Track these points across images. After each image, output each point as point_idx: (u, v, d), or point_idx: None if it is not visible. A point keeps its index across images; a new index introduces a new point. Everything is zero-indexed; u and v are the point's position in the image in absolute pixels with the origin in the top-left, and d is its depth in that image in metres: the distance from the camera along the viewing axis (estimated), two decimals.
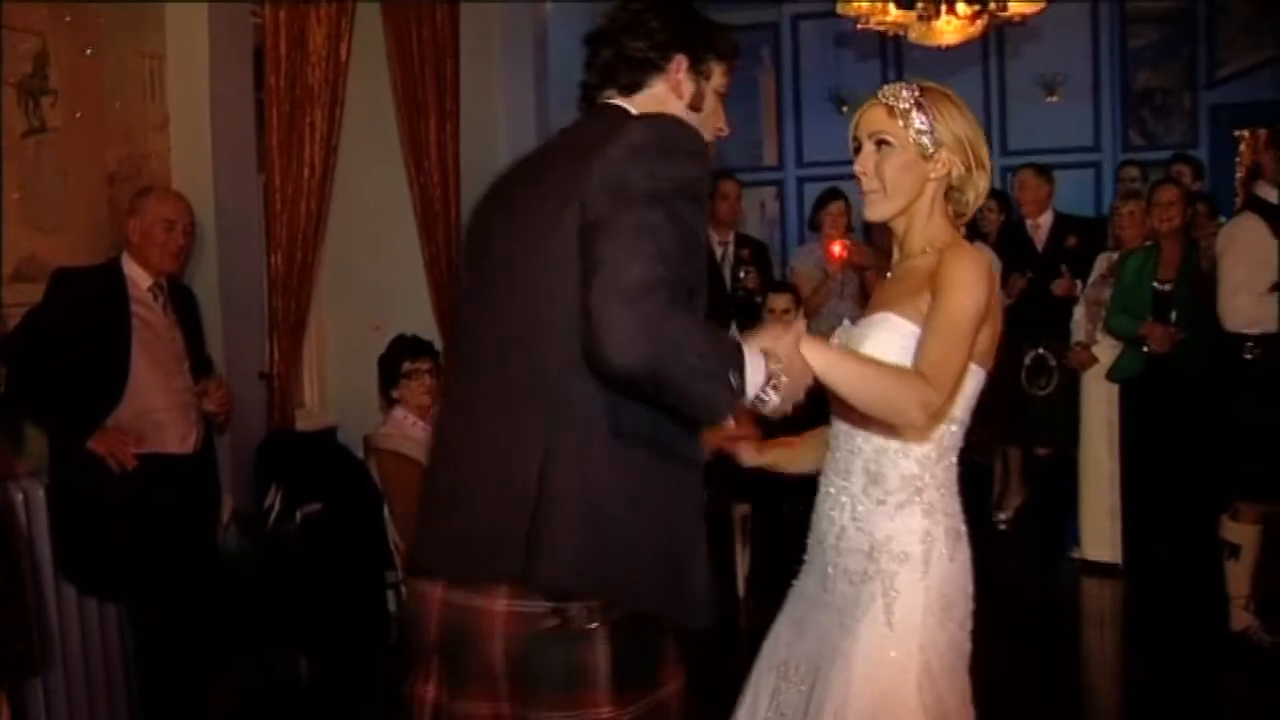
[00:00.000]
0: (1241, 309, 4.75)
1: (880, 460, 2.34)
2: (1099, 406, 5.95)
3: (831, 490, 2.44)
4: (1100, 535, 6.03)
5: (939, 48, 6.29)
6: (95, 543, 3.95)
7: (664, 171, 1.86)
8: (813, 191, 7.83)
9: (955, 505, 2.37)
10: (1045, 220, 6.83)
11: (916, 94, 2.33)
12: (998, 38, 8.61)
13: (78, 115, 4.41)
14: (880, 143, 2.35)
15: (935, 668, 2.28)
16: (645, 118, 2.02)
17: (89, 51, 4.48)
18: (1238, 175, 8.71)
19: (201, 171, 4.86)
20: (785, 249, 9.19)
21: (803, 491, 5.64)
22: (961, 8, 6.10)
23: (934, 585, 2.29)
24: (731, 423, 2.10)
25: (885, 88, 2.38)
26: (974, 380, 2.33)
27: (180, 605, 4.05)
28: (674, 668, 2.04)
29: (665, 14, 2.16)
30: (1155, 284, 5.57)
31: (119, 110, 4.65)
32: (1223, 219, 5.53)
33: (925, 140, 2.32)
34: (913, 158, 2.33)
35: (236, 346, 4.96)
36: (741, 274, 6.29)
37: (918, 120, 2.31)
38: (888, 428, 2.29)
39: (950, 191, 2.38)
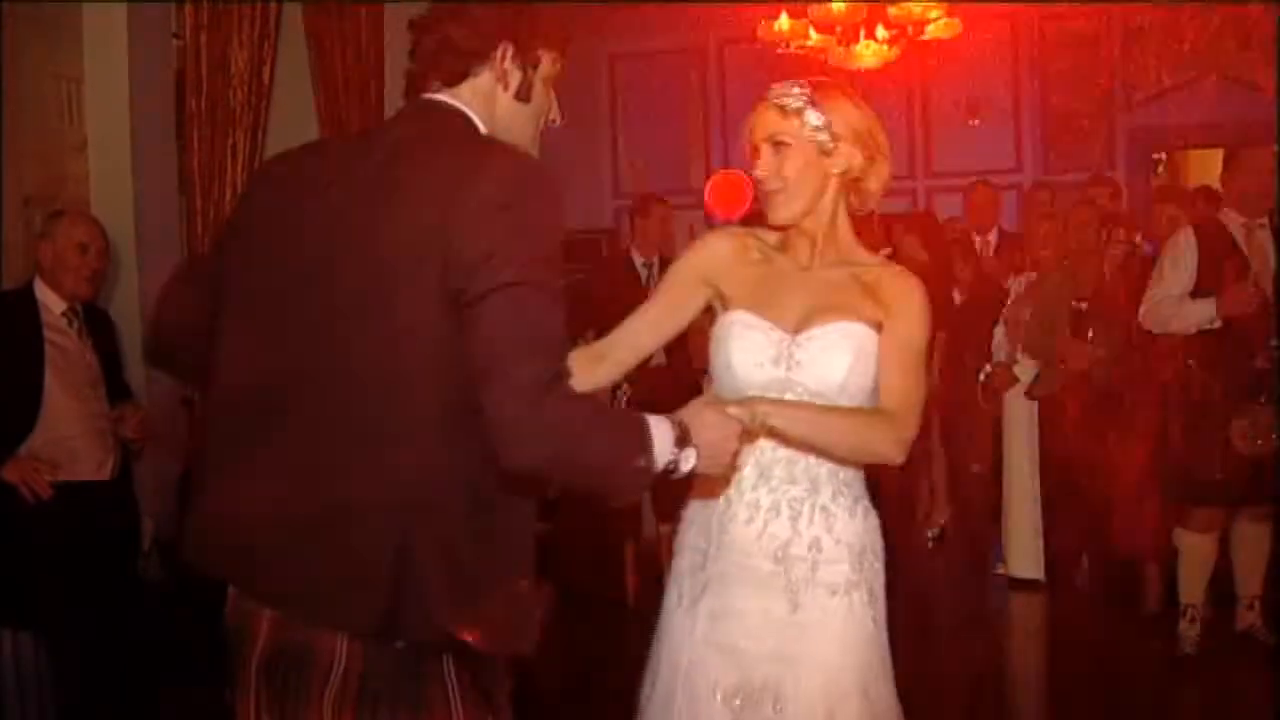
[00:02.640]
0: (1156, 310, 4.86)
1: (831, 467, 2.32)
2: (1020, 424, 6.03)
3: (787, 499, 2.31)
4: (1025, 552, 6.10)
5: (859, 72, 6.36)
6: (9, 572, 3.88)
7: (530, 243, 1.81)
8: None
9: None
10: (993, 237, 6.96)
11: (808, 91, 2.32)
12: (919, 61, 8.72)
13: None
14: (778, 144, 2.33)
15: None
16: (501, 164, 1.88)
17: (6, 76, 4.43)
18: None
19: (121, 194, 4.82)
20: None
21: None
22: (880, 32, 6.19)
23: (880, 583, 2.38)
24: None
25: (774, 88, 2.36)
26: None
27: (97, 635, 3.99)
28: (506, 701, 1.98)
29: (490, 1, 2.03)
30: (1073, 303, 5.67)
31: (34, 133, 4.58)
32: (1123, 231, 5.62)
33: (822, 136, 2.30)
34: (812, 155, 2.31)
35: (158, 372, 4.88)
36: None
37: (812, 117, 2.30)
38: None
39: (853, 184, 2.37)
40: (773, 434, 2.22)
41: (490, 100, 2.01)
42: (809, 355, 2.30)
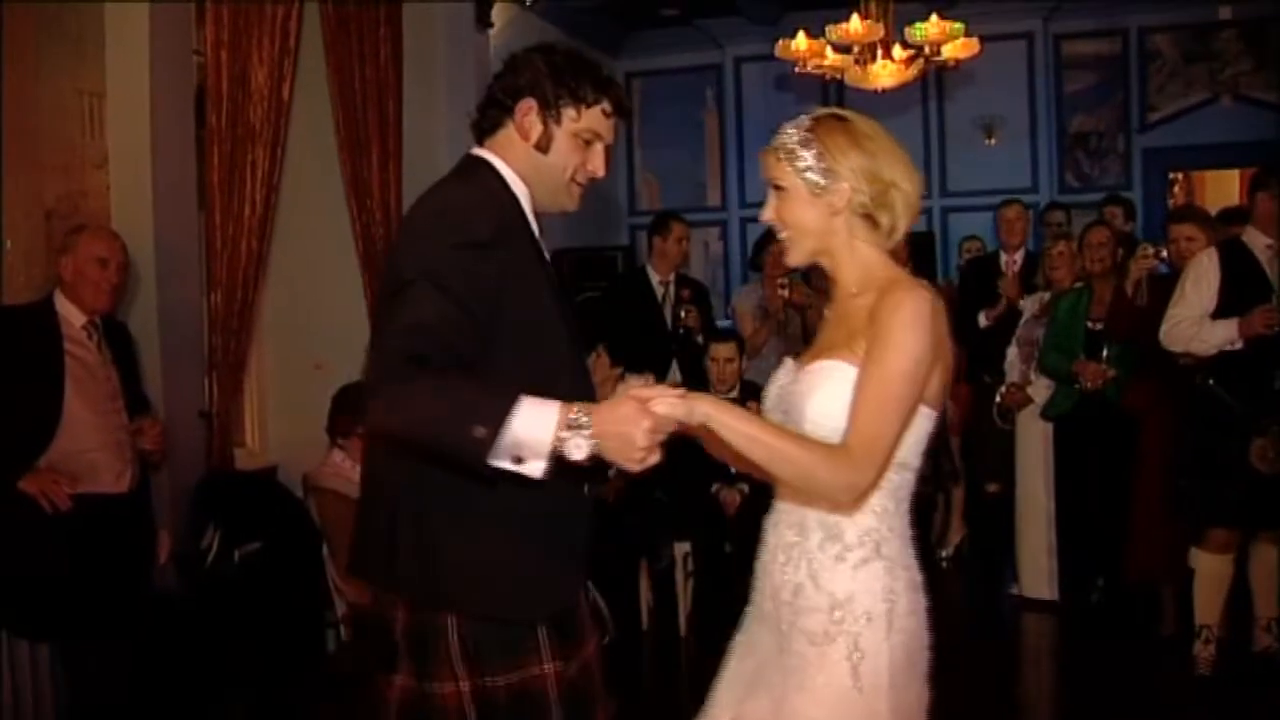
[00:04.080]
0: (1177, 330, 4.85)
1: (836, 516, 2.21)
2: (1034, 445, 6.02)
3: (784, 543, 2.28)
4: (1038, 573, 6.09)
5: (877, 91, 6.38)
6: (28, 584, 3.89)
7: (430, 250, 2.12)
8: (755, 231, 7.91)
9: (911, 554, 2.26)
10: (1019, 256, 6.94)
11: (803, 129, 2.25)
12: (936, 81, 8.76)
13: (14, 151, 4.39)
14: (777, 188, 2.29)
15: None
16: (436, 191, 2.29)
17: (24, 89, 4.46)
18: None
19: (141, 209, 4.85)
20: (728, 289, 9.27)
21: (745, 529, 5.64)
22: (897, 52, 6.21)
23: (899, 643, 2.19)
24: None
25: (781, 128, 2.30)
26: (925, 423, 2.21)
27: (115, 647, 4.01)
28: (548, 654, 2.28)
29: (531, 60, 2.30)
30: (1088, 323, 5.66)
31: (57, 148, 4.62)
32: (1151, 246, 5.61)
33: (813, 176, 2.22)
34: (806, 196, 2.24)
35: (175, 385, 4.93)
36: (682, 313, 6.33)
37: (803, 158, 2.23)
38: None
39: (868, 219, 2.25)
40: (716, 436, 2.13)
41: (514, 149, 2.31)
42: (796, 393, 2.26)
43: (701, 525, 5.69)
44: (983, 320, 6.66)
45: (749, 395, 5.68)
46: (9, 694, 3.97)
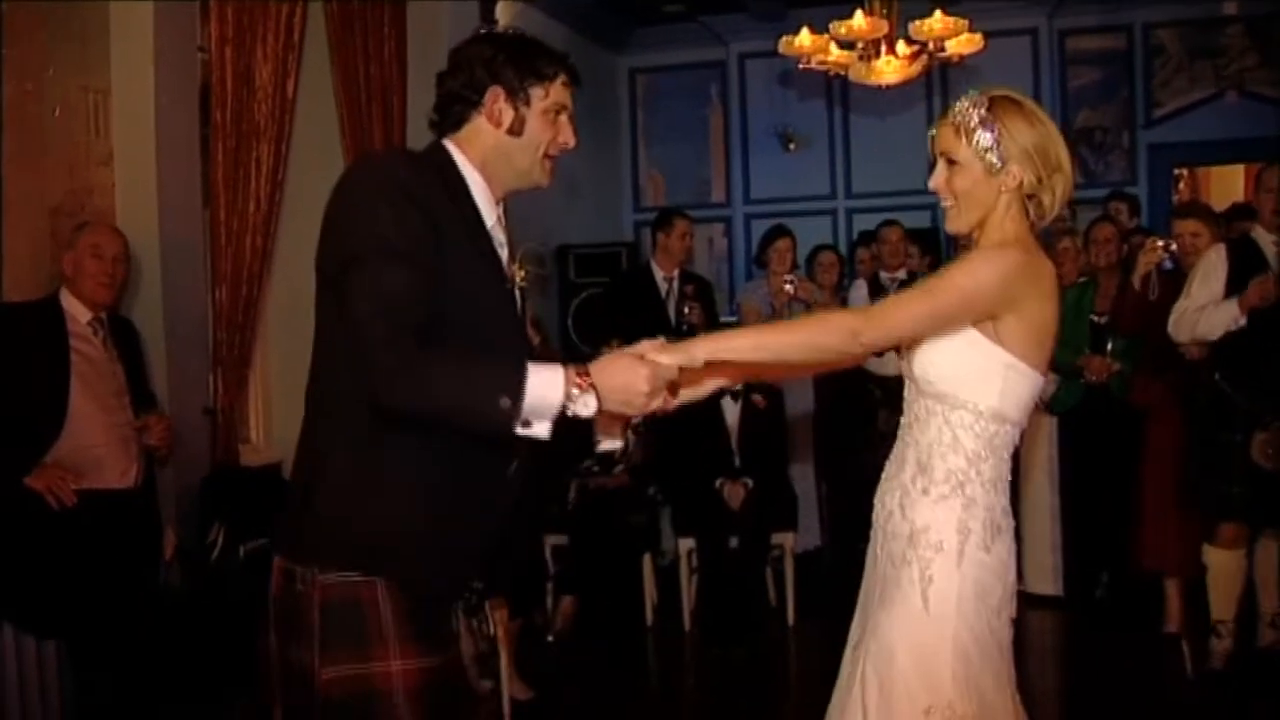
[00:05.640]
0: (1183, 319, 4.88)
1: (930, 454, 2.44)
2: (1039, 440, 6.02)
3: (886, 477, 2.54)
4: (1042, 568, 6.09)
5: (880, 87, 6.37)
6: (33, 580, 3.91)
7: (367, 218, 2.13)
8: (759, 228, 7.91)
9: (997, 500, 2.44)
10: None
11: (984, 109, 2.39)
12: (940, 77, 8.74)
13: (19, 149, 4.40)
14: (950, 161, 2.42)
15: (972, 653, 2.38)
16: (352, 165, 2.35)
17: (30, 86, 4.47)
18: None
19: (146, 206, 4.86)
20: (733, 284, 9.26)
21: (748, 525, 5.66)
22: (901, 48, 6.20)
23: (969, 574, 2.39)
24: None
25: (956, 104, 2.43)
26: (1022, 380, 2.40)
27: (120, 642, 4.02)
28: (398, 648, 2.19)
29: (481, 52, 2.32)
30: (1093, 317, 5.67)
31: (62, 145, 4.63)
32: (1160, 239, 5.59)
33: (991, 157, 2.38)
34: (980, 174, 2.39)
35: (181, 381, 4.94)
36: (686, 309, 6.33)
37: (982, 137, 2.37)
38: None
39: (1029, 199, 2.42)
40: (729, 367, 2.39)
41: (485, 138, 2.32)
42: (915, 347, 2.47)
43: (705, 521, 5.69)
44: None
45: (753, 389, 5.69)
46: (15, 690, 3.98)
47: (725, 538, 5.69)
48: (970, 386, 2.40)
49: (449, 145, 2.33)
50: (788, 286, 6.45)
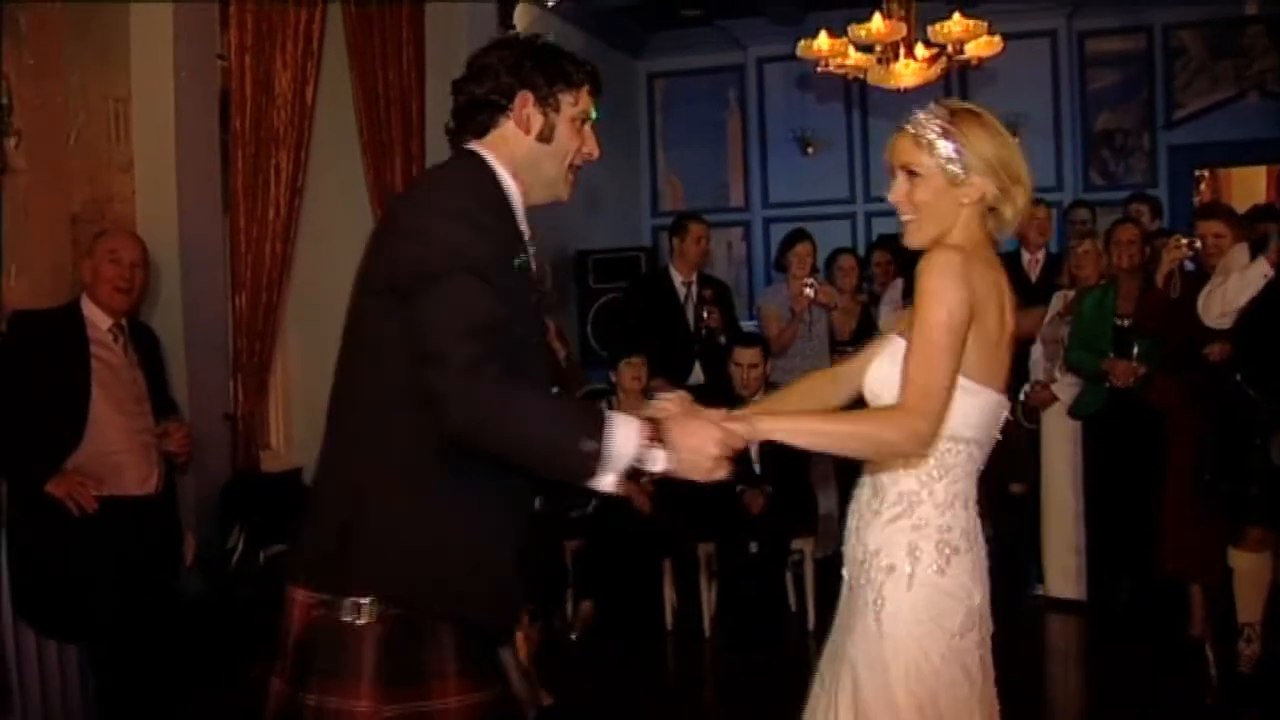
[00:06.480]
0: (1213, 296, 4.90)
1: (884, 476, 2.41)
2: (1061, 444, 5.99)
3: (854, 496, 2.53)
4: (1064, 572, 6.06)
5: (899, 90, 6.36)
6: (55, 585, 3.93)
7: (459, 239, 2.06)
8: (778, 232, 7.91)
9: (954, 521, 2.37)
10: (1041, 255, 6.89)
11: (944, 120, 2.34)
12: (959, 79, 8.72)
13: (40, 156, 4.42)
14: (910, 173, 2.37)
15: (927, 675, 2.33)
16: (437, 175, 2.27)
17: (52, 94, 4.49)
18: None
19: (166, 213, 4.89)
20: (752, 289, 9.25)
21: (768, 530, 5.64)
22: (920, 51, 6.18)
23: (921, 596, 2.33)
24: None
25: (915, 115, 2.38)
26: (968, 397, 2.30)
27: (141, 647, 4.03)
28: (456, 684, 2.14)
29: (506, 57, 2.27)
30: (1116, 320, 5.63)
31: (83, 152, 4.65)
32: (1184, 238, 5.56)
33: (954, 168, 2.32)
34: (942, 185, 2.34)
35: (201, 388, 4.96)
36: (705, 314, 6.33)
37: (944, 148, 2.32)
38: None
39: (989, 211, 2.39)
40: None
41: (514, 144, 2.26)
42: (866, 365, 2.46)
43: (725, 526, 5.68)
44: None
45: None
46: (37, 694, 4.00)
47: (745, 542, 5.68)
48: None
49: (485, 153, 2.26)
50: (808, 290, 6.45)
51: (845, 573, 2.50)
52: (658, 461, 2.03)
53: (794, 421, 2.33)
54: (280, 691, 2.19)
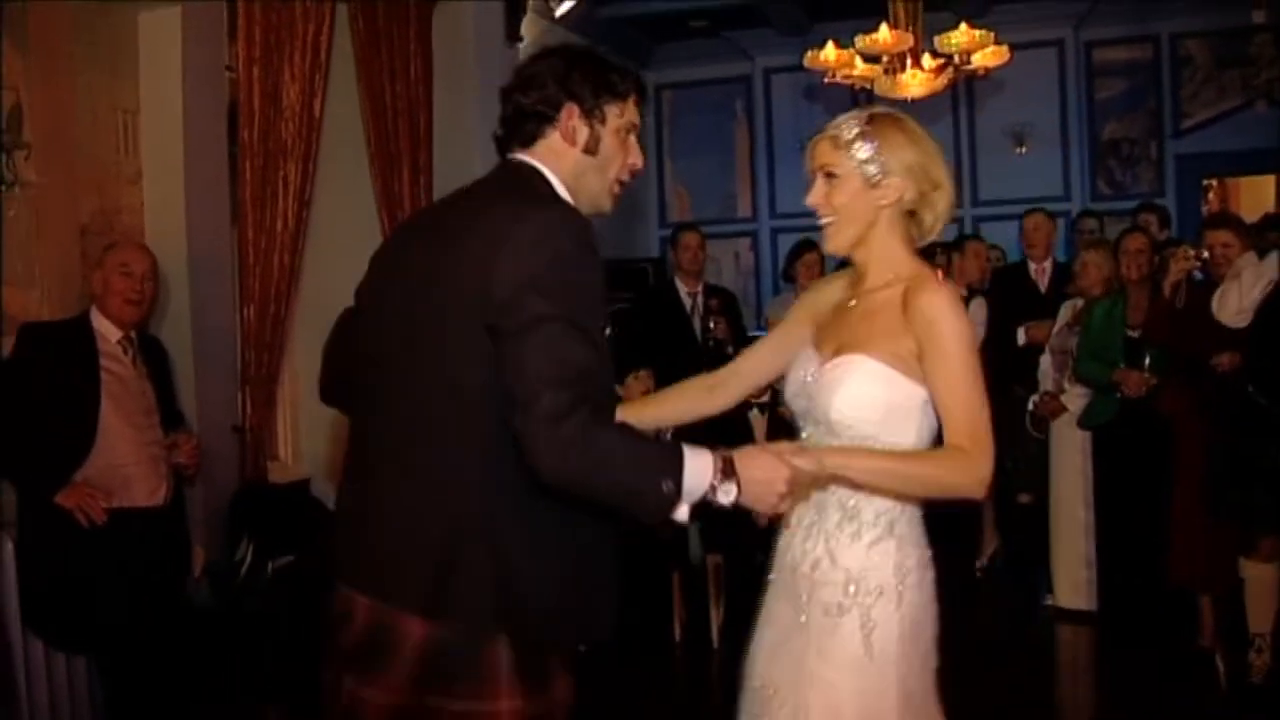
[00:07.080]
0: (1223, 300, 4.92)
1: (855, 498, 2.37)
2: (1070, 454, 5.97)
3: (805, 523, 2.46)
4: (1074, 583, 6.03)
5: (907, 100, 6.36)
6: (64, 597, 3.93)
7: (562, 284, 2.02)
8: (786, 242, 7.90)
9: (921, 532, 2.42)
10: (1048, 265, 6.88)
11: (863, 123, 2.36)
12: (966, 90, 8.74)
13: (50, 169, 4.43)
14: (828, 175, 2.38)
15: (914, 690, 2.36)
16: (544, 213, 2.11)
17: (59, 105, 4.51)
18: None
19: (175, 225, 4.90)
20: (760, 299, 9.26)
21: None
22: (927, 61, 6.19)
23: (907, 614, 2.35)
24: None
25: (834, 120, 2.41)
26: (930, 410, 2.33)
27: (150, 659, 4.04)
28: (564, 681, 2.24)
29: (554, 67, 2.27)
30: (1127, 330, 5.62)
31: (92, 164, 4.67)
32: (1192, 248, 5.55)
33: (870, 169, 2.34)
34: (859, 187, 2.36)
35: (209, 399, 4.96)
36: (711, 324, 6.32)
37: (861, 150, 2.34)
38: None
39: (909, 215, 2.40)
40: (848, 481, 2.31)
41: (561, 156, 2.25)
42: (822, 385, 2.39)
43: (733, 537, 5.67)
44: (1021, 338, 6.59)
45: (779, 402, 5.67)
46: (45, 705, 4.01)
47: (752, 553, 5.66)
48: (890, 426, 2.33)
49: (539, 165, 2.25)
50: None
51: (804, 598, 2.42)
52: (729, 494, 2.07)
53: (862, 459, 2.28)
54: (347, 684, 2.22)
